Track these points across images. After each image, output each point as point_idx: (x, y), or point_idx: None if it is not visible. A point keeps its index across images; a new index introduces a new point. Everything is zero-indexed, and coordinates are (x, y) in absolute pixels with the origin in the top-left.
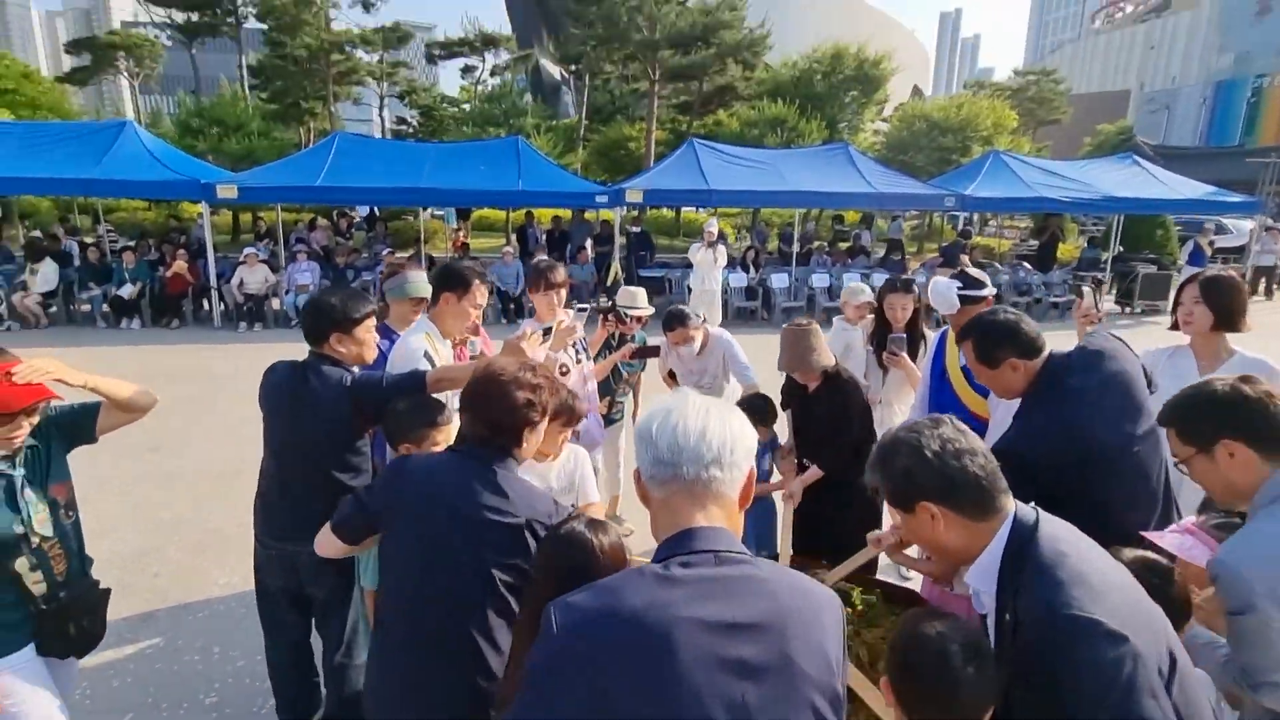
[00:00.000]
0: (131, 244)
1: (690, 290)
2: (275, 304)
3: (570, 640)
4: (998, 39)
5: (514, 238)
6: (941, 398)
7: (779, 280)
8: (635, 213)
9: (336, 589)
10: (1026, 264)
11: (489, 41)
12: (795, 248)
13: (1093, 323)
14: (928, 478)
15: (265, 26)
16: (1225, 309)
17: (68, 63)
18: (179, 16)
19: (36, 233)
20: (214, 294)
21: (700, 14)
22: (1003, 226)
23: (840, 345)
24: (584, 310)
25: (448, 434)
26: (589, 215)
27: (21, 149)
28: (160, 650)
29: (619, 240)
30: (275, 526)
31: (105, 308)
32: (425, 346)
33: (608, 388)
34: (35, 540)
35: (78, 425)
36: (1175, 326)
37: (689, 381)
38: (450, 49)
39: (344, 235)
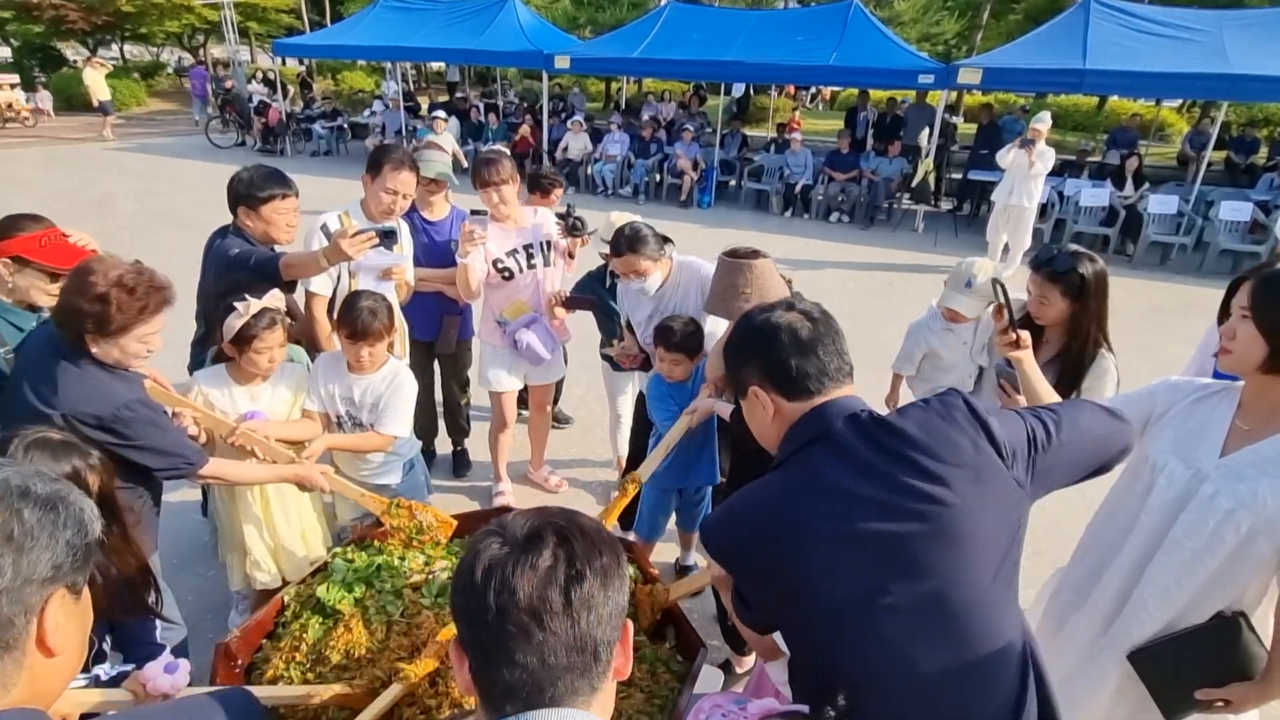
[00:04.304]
0: (496, 108)
1: (993, 204)
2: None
3: None
4: None
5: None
6: None
7: (1161, 204)
8: (1025, 99)
9: None
10: None
11: None
12: (1203, 160)
13: (1011, 345)
14: None
15: None
16: None
17: None
18: None
19: (461, 94)
20: (544, 157)
21: None
22: None
23: (916, 347)
24: (482, 214)
25: (271, 340)
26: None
27: (436, 25)
28: None
29: (934, 131)
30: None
31: None
32: (331, 223)
33: (611, 329)
34: None
35: None
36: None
37: (643, 329)
38: None
39: (685, 109)
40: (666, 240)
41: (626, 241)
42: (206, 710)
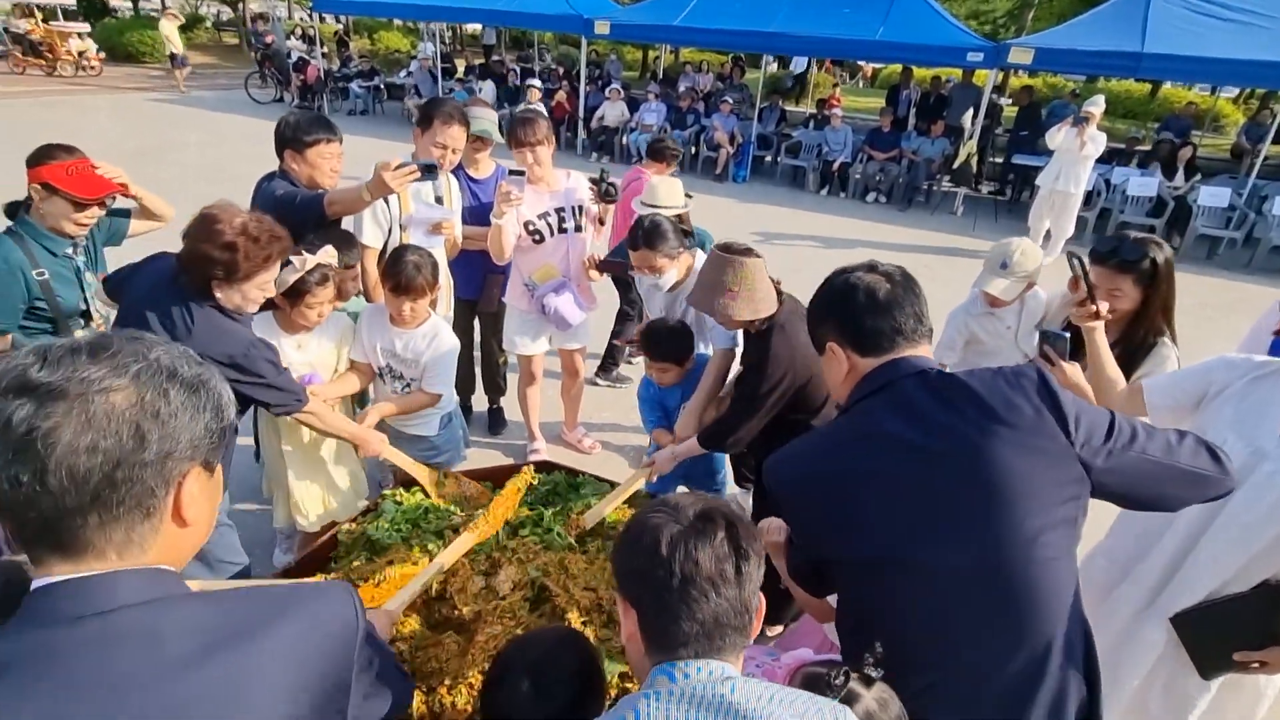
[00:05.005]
0: (532, 72)
1: (1038, 188)
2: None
3: None
4: None
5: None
6: None
7: (1212, 196)
8: (1075, 83)
9: None
10: None
11: None
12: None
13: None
14: None
15: None
16: None
17: None
18: None
19: (497, 58)
20: (579, 124)
21: None
22: None
23: (958, 334)
24: (520, 174)
25: (322, 296)
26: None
27: None
28: None
29: (981, 111)
30: None
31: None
32: None
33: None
34: (95, 316)
35: (115, 228)
36: None
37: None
38: None
39: (724, 80)
40: (688, 234)
41: (644, 235)
42: (305, 597)
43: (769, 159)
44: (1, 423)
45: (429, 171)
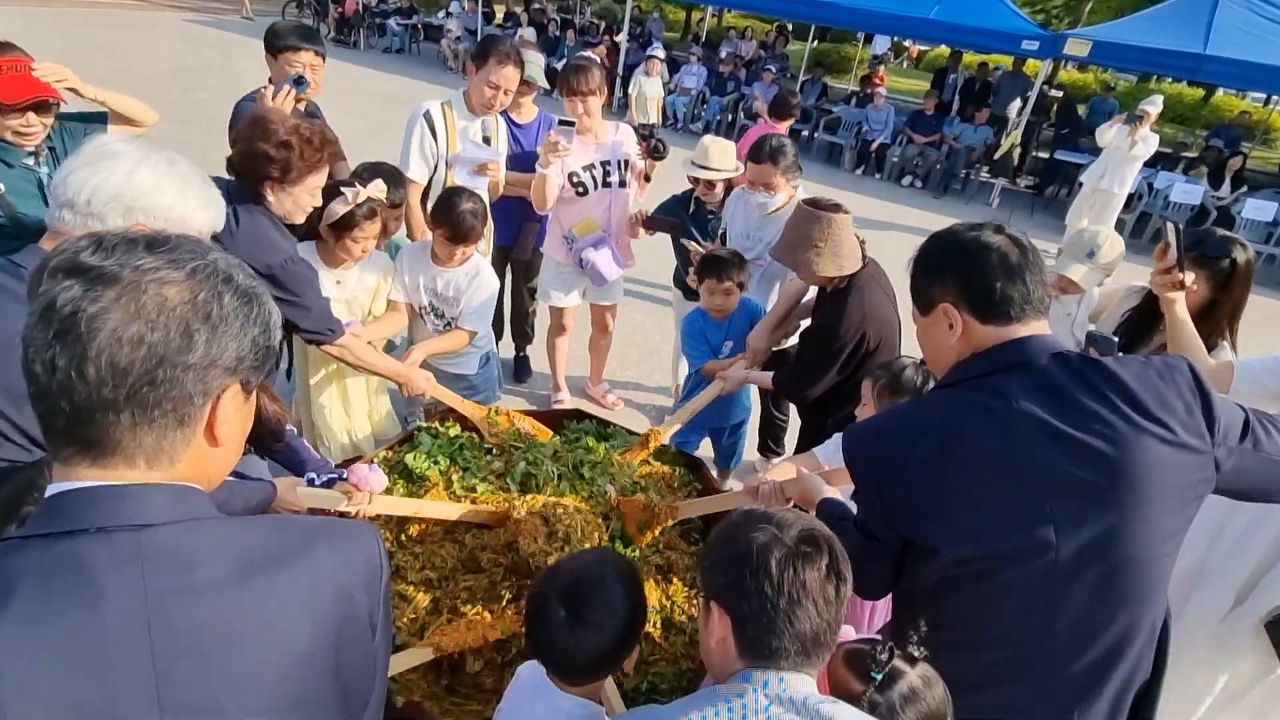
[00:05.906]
0: (573, 24)
1: (1079, 186)
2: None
3: None
4: None
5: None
6: None
7: (1258, 209)
8: (1127, 82)
9: None
10: None
11: None
12: None
13: (1174, 286)
14: None
15: None
16: None
17: None
18: None
19: (538, 5)
20: (618, 82)
21: None
22: None
23: None
24: (570, 125)
25: (369, 230)
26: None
27: None
28: None
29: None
30: None
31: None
32: (434, 111)
33: (687, 256)
34: None
35: (91, 137)
36: None
37: (741, 245)
38: None
39: (767, 49)
40: (799, 171)
41: (769, 152)
42: (338, 531)
43: (805, 133)
44: (46, 303)
45: (299, 84)
